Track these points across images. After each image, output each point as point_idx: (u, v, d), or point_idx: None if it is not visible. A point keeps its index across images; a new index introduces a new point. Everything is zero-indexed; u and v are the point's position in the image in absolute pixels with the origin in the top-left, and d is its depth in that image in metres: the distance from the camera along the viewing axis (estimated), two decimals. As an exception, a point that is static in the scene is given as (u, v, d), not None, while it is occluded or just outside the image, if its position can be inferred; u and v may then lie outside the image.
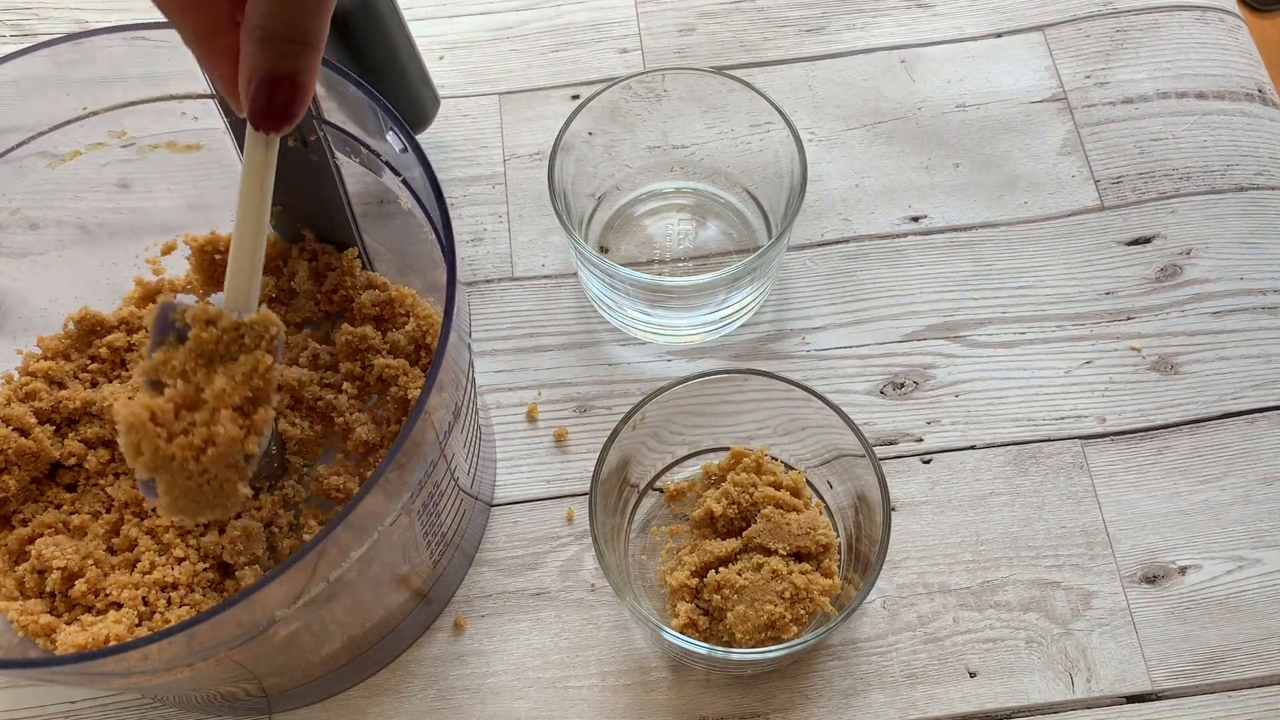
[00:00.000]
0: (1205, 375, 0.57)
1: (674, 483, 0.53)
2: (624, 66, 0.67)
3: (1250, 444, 0.56)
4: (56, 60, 0.47)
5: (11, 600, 0.47)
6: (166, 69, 0.49)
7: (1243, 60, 0.67)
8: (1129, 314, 0.59)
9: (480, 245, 0.62)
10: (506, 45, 0.68)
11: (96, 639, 0.44)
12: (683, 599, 0.49)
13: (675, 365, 0.58)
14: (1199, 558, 0.53)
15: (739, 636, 0.47)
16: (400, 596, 0.48)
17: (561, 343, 0.59)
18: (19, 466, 0.49)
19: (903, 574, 0.53)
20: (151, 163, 0.53)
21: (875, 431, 0.56)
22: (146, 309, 0.55)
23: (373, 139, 0.47)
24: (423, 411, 0.38)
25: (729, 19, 0.68)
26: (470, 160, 0.64)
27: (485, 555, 0.54)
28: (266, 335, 0.38)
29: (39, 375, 0.52)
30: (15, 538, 0.49)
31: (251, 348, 0.37)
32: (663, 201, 0.62)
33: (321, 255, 0.55)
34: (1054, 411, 0.56)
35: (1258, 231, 0.61)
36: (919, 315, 0.59)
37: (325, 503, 0.51)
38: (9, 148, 0.49)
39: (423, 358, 0.53)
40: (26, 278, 0.54)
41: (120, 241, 0.56)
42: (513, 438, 0.57)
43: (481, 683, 0.51)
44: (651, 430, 0.51)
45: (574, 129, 0.56)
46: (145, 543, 0.48)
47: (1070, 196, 0.62)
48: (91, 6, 0.70)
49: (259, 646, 0.40)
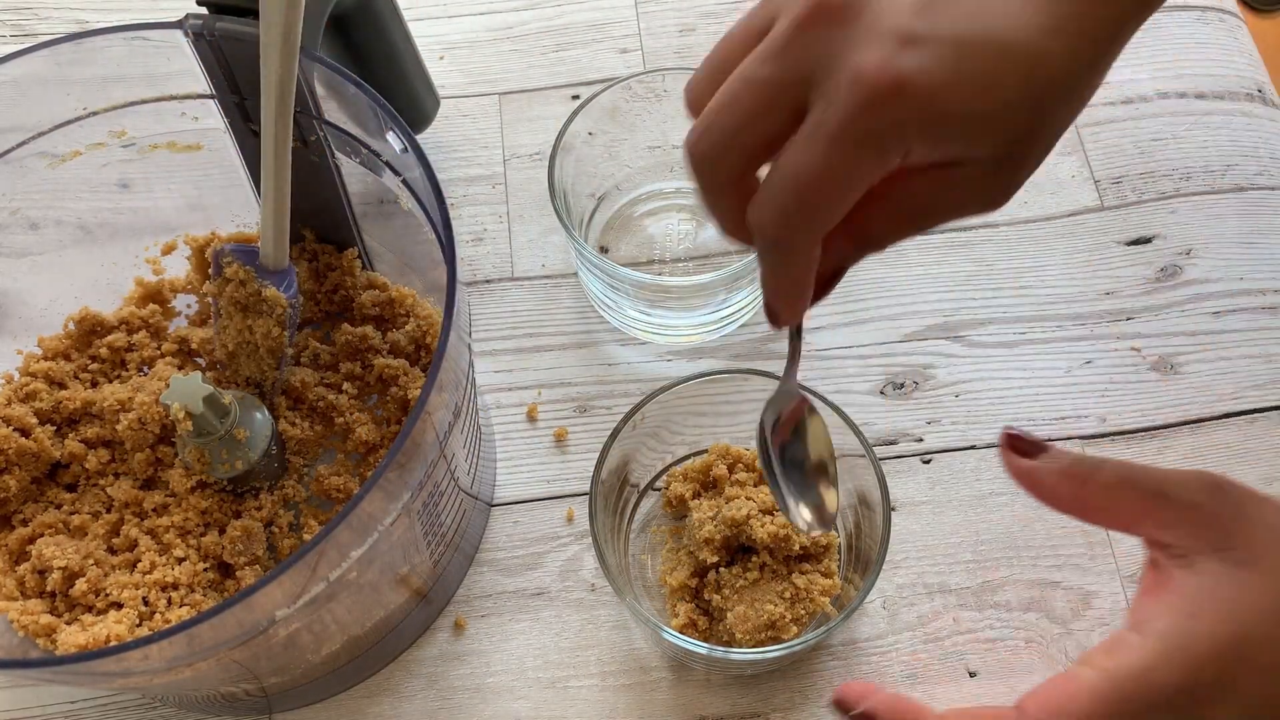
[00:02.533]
0: (1205, 375, 0.57)
1: (670, 491, 0.52)
2: (624, 66, 0.67)
3: (1250, 444, 0.55)
4: (56, 60, 0.47)
5: (12, 600, 0.47)
6: (166, 69, 0.49)
7: (1243, 60, 0.67)
8: (1129, 314, 0.59)
9: (480, 245, 0.62)
10: (506, 45, 0.68)
11: (97, 639, 0.44)
12: (683, 599, 0.49)
13: (675, 365, 0.58)
14: (1199, 558, 0.53)
15: (739, 636, 0.47)
16: (400, 596, 0.48)
17: (561, 343, 0.59)
18: (19, 466, 0.49)
19: (903, 574, 0.53)
20: (151, 163, 0.53)
21: (875, 431, 0.56)
22: (147, 309, 0.55)
23: (373, 139, 0.47)
24: (423, 411, 0.38)
25: (729, 19, 0.68)
26: (470, 160, 0.64)
27: (485, 555, 0.54)
28: (278, 307, 0.48)
29: (39, 375, 0.52)
30: (16, 538, 0.49)
31: (268, 314, 0.49)
32: (663, 201, 0.62)
33: (321, 255, 0.55)
34: (1054, 411, 0.56)
35: (1258, 231, 0.61)
36: (919, 315, 0.59)
37: (325, 503, 0.51)
38: (9, 148, 0.49)
39: (423, 358, 0.53)
40: (26, 278, 0.54)
41: (120, 241, 0.56)
42: (513, 438, 0.57)
43: (481, 683, 0.51)
44: (651, 430, 0.51)
45: (574, 129, 0.56)
46: (145, 543, 0.48)
47: (1070, 196, 0.62)
48: (91, 6, 0.70)
49: (259, 646, 0.40)
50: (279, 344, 0.50)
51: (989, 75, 0.30)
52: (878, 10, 0.30)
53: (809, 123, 0.31)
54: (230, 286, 0.49)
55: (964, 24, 0.30)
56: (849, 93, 0.30)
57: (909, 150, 0.31)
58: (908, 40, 0.30)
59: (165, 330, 0.55)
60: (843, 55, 0.30)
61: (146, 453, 0.50)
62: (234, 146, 0.52)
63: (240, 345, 0.50)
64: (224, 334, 0.50)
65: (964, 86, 0.30)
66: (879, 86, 0.29)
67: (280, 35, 0.40)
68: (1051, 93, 0.31)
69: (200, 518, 0.49)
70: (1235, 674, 0.33)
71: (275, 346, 0.50)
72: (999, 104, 0.30)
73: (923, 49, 0.30)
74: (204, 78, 0.49)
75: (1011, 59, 0.30)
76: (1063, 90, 0.31)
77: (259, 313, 0.49)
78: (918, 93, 0.29)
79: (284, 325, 0.49)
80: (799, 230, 0.32)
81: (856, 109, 0.30)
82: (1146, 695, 0.33)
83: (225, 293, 0.49)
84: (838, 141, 0.30)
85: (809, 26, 0.31)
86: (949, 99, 0.30)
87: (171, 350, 0.54)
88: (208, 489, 0.49)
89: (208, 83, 0.49)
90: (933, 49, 0.30)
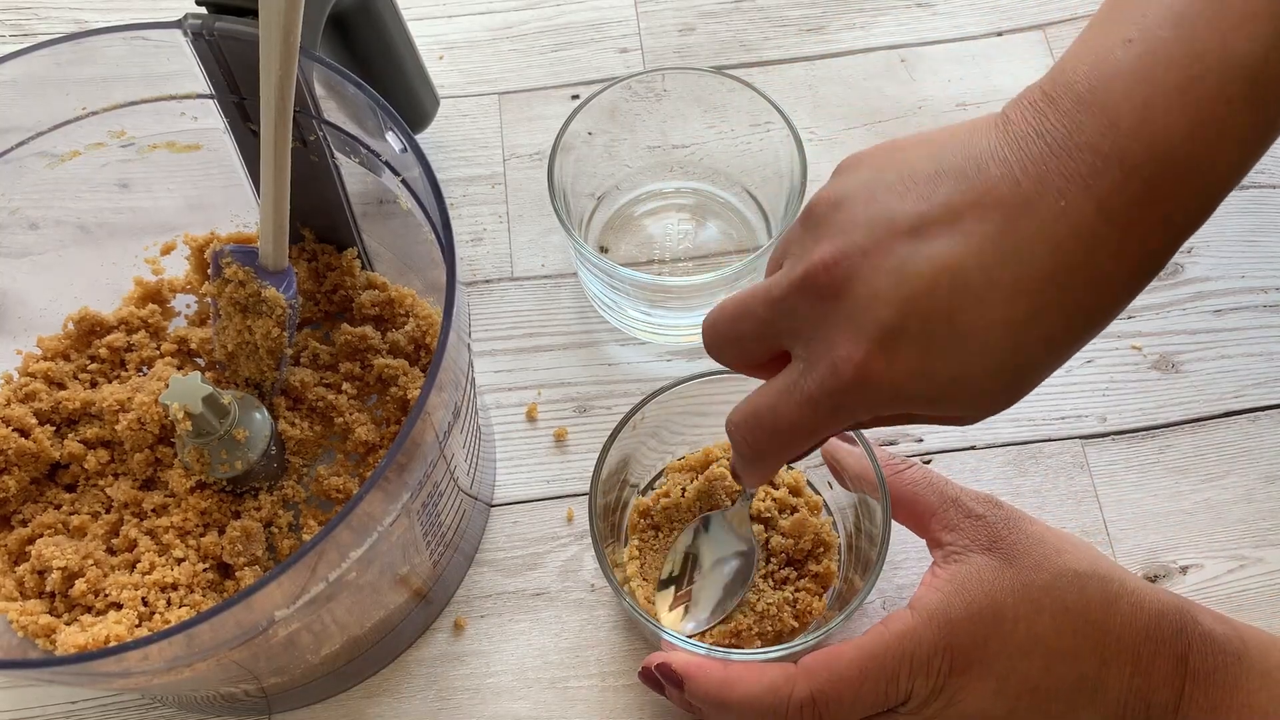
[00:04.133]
0: (1207, 374, 0.57)
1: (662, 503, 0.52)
2: (624, 66, 0.67)
3: (1252, 442, 0.55)
4: (56, 60, 0.47)
5: (11, 600, 0.47)
6: (166, 69, 0.49)
7: (1243, 59, 0.67)
8: (1130, 312, 0.59)
9: (480, 245, 0.62)
10: (506, 45, 0.68)
11: (96, 639, 0.44)
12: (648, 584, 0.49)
13: (675, 365, 0.58)
14: (1200, 557, 0.53)
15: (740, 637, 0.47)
16: (400, 597, 0.48)
17: (561, 343, 0.59)
18: (19, 467, 0.49)
19: (903, 574, 0.53)
20: (151, 163, 0.53)
21: (875, 431, 0.56)
22: (146, 309, 0.55)
23: (372, 139, 0.47)
24: (422, 411, 0.38)
25: (729, 18, 0.68)
26: (470, 160, 0.64)
27: (485, 555, 0.54)
28: (277, 308, 0.48)
29: (39, 375, 0.52)
30: (15, 538, 0.49)
31: (267, 314, 0.49)
32: (662, 201, 0.62)
33: (321, 255, 0.55)
34: (1054, 411, 0.56)
35: (1259, 230, 0.61)
36: (919, 315, 0.59)
37: (325, 503, 0.51)
38: (9, 148, 0.49)
39: (423, 358, 0.53)
40: (26, 278, 0.54)
41: (120, 241, 0.56)
42: (513, 438, 0.57)
43: (481, 683, 0.51)
44: (651, 430, 0.51)
45: (574, 129, 0.56)
46: (145, 543, 0.48)
47: (1071, 196, 0.62)
48: (91, 6, 0.70)
49: (259, 646, 0.40)
50: (278, 344, 0.50)
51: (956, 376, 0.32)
52: (865, 293, 0.32)
53: (790, 376, 0.34)
54: (230, 287, 0.49)
55: (938, 322, 0.31)
56: (826, 373, 0.33)
57: (878, 414, 0.34)
58: (885, 339, 0.32)
59: (164, 330, 0.55)
60: (825, 329, 0.33)
61: (146, 453, 0.50)
62: (233, 146, 0.52)
63: (240, 346, 0.50)
64: (223, 334, 0.50)
65: (930, 385, 0.32)
66: (853, 380, 0.32)
67: (280, 35, 0.40)
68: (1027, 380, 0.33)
69: (200, 518, 0.49)
70: (990, 644, 0.39)
71: (275, 347, 0.50)
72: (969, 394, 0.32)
73: (895, 350, 0.32)
74: (203, 78, 0.49)
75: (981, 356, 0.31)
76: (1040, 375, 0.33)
77: (258, 313, 0.49)
78: (885, 389, 0.32)
79: (283, 326, 0.49)
80: (768, 456, 0.37)
81: (830, 389, 0.33)
82: (904, 648, 0.39)
83: (224, 293, 0.49)
84: (811, 405, 0.34)
85: (802, 291, 0.34)
86: (913, 392, 0.32)
87: (171, 350, 0.54)
88: (207, 489, 0.49)
89: (207, 83, 0.49)
90: (906, 350, 0.32)
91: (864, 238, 0.32)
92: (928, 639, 0.40)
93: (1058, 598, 0.40)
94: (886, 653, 0.40)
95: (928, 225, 0.31)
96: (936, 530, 0.44)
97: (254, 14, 0.42)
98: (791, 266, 0.34)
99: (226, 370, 0.52)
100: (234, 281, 0.48)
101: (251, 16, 0.45)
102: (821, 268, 0.33)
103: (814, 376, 0.33)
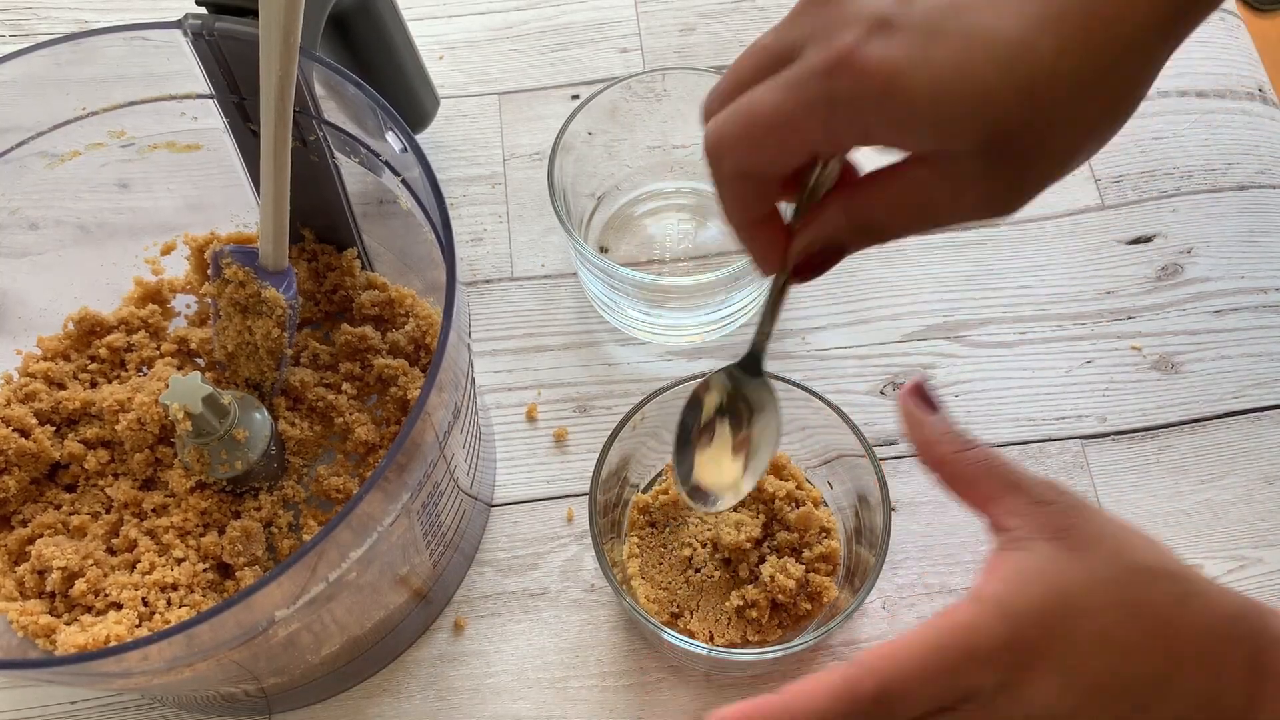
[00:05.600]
0: (1206, 374, 0.57)
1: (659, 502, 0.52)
2: (624, 66, 0.67)
3: (1252, 443, 0.55)
4: (56, 60, 0.47)
5: (11, 600, 0.47)
6: (166, 69, 0.49)
7: (1243, 60, 0.67)
8: (1130, 313, 0.59)
9: (480, 245, 0.62)
10: (506, 45, 0.68)
11: (96, 639, 0.44)
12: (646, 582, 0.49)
13: (675, 365, 0.58)
14: (1200, 557, 0.53)
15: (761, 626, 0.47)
16: (400, 597, 0.48)
17: (561, 343, 0.59)
18: (19, 467, 0.49)
19: (903, 574, 0.53)
20: (151, 163, 0.53)
21: (875, 431, 0.56)
22: (146, 309, 0.55)
23: (372, 139, 0.47)
24: (422, 411, 0.38)
25: (729, 19, 0.68)
26: (470, 160, 0.64)
27: (485, 555, 0.54)
28: (277, 308, 0.48)
29: (39, 376, 0.52)
30: (15, 538, 0.49)
31: (267, 315, 0.49)
32: (662, 201, 0.62)
33: (321, 255, 0.55)
34: (1054, 411, 0.56)
35: (1259, 230, 0.61)
36: (919, 315, 0.59)
37: (325, 503, 0.51)
38: (9, 148, 0.49)
39: (423, 358, 0.53)
40: (26, 278, 0.54)
41: (120, 241, 0.56)
42: (513, 438, 0.57)
43: (481, 683, 0.51)
44: (651, 430, 0.51)
45: (574, 129, 0.56)
46: (145, 543, 0.48)
47: (1070, 195, 0.62)
48: (91, 6, 0.70)
49: (259, 647, 0.40)
50: (278, 345, 0.50)
51: (959, 63, 0.30)
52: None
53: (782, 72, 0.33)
54: (230, 287, 0.49)
55: (939, 14, 0.30)
56: (815, 58, 0.32)
57: (868, 130, 0.32)
58: (880, 25, 0.31)
59: (164, 330, 0.55)
60: (826, 30, 0.32)
61: (146, 453, 0.50)
62: (233, 146, 0.52)
63: (240, 346, 0.50)
64: (223, 335, 0.50)
65: (929, 72, 0.30)
66: (841, 63, 0.31)
67: (280, 35, 0.40)
68: (1045, 88, 0.31)
69: (200, 518, 0.49)
70: (1056, 638, 0.37)
71: (275, 347, 0.50)
72: (972, 92, 0.30)
73: (891, 35, 0.31)
74: (203, 77, 0.49)
75: (987, 47, 0.30)
76: (1061, 89, 0.31)
77: (258, 313, 0.49)
78: (878, 74, 0.31)
79: (283, 326, 0.49)
80: (730, 152, 0.35)
81: (817, 72, 0.32)
82: (968, 643, 0.37)
83: (224, 294, 0.49)
84: (793, 89, 0.32)
85: (807, 7, 0.33)
86: (911, 84, 0.30)
87: (171, 350, 0.54)
88: (207, 489, 0.49)
89: (207, 83, 0.49)
90: (903, 35, 0.30)
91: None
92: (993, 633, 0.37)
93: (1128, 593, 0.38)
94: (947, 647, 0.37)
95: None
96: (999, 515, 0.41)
97: (254, 14, 0.42)
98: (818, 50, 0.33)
99: (226, 370, 0.52)
100: (234, 282, 0.48)
101: (251, 16, 0.45)
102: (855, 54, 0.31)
103: (805, 62, 0.32)
